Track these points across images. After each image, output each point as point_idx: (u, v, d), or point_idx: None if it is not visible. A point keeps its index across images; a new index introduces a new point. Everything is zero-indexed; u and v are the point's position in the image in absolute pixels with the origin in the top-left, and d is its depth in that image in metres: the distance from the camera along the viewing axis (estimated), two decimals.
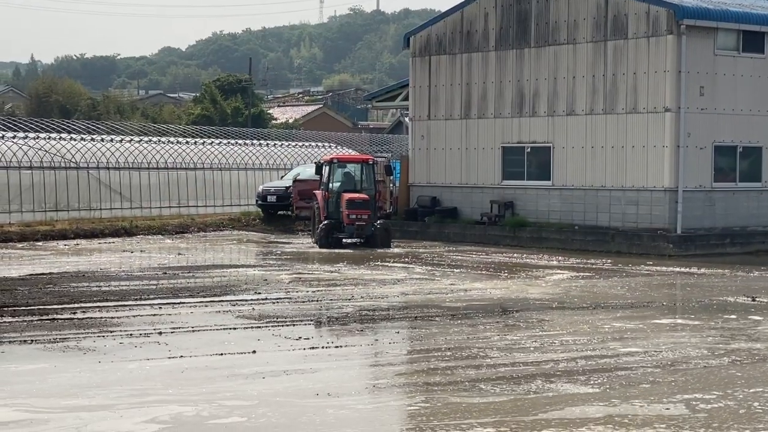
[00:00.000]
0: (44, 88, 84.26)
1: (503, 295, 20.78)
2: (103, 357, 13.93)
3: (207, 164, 44.92)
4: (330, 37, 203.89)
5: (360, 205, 31.61)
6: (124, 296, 19.81)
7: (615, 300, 20.24)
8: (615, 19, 32.05)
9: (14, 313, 17.45)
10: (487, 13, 35.48)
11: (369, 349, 15.11)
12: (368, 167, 32.93)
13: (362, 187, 32.53)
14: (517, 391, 12.18)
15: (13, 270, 24.71)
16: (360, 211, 31.50)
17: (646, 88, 31.32)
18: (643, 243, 30.55)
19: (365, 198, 31.82)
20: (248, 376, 12.89)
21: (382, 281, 22.94)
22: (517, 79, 34.71)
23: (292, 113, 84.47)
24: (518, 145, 34.78)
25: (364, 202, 31.70)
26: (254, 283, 22.30)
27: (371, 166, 32.99)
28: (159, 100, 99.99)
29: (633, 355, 14.42)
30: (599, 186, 32.49)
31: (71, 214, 38.69)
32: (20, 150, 38.33)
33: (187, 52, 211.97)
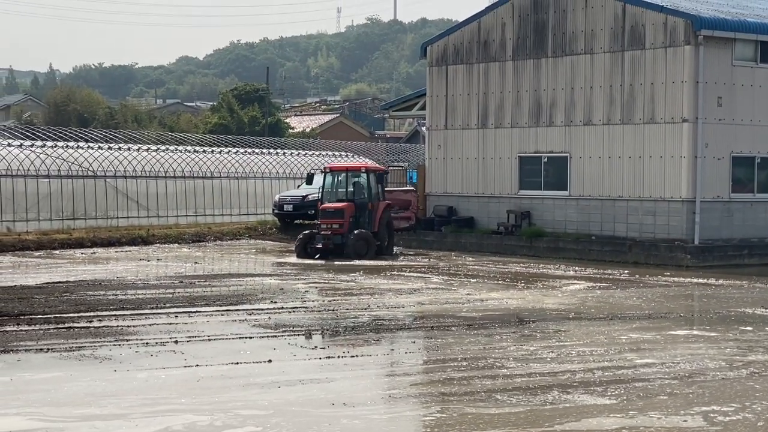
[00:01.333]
0: (62, 97, 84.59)
1: (519, 305, 20.71)
2: (119, 366, 13.93)
3: (224, 173, 44.99)
4: (347, 47, 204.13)
5: (332, 215, 31.20)
6: (140, 305, 19.83)
7: (632, 311, 20.15)
8: (632, 29, 31.98)
9: (31, 322, 17.48)
10: (505, 23, 35.45)
11: (385, 359, 15.07)
12: (363, 176, 32.12)
13: (355, 196, 31.84)
14: (534, 401, 12.11)
15: (30, 278, 24.76)
16: (332, 220, 31.05)
17: (663, 98, 31.23)
18: (660, 254, 30.43)
19: (339, 207, 31.32)
20: (264, 385, 12.86)
21: (398, 291, 22.90)
22: (534, 89, 34.66)
23: (309, 122, 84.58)
24: (535, 154, 34.72)
25: (336, 211, 31.20)
26: (270, 292, 22.29)
27: (368, 175, 32.14)
28: (176, 109, 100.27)
29: (650, 367, 14.33)
30: (616, 196, 32.39)
31: (88, 222, 38.79)
32: (38, 158, 38.46)
33: (205, 61, 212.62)
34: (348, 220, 31.09)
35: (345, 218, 31.07)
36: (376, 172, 32.88)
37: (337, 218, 31.07)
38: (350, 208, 31.50)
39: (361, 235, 30.90)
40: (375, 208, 31.75)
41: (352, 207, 31.56)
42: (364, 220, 31.56)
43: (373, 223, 31.69)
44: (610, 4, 32.55)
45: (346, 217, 31.10)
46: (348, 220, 31.09)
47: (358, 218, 31.54)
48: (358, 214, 31.54)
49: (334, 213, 31.23)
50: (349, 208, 31.44)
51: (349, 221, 31.10)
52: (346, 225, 31.01)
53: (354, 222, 31.31)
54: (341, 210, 31.25)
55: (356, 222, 31.39)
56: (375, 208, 31.75)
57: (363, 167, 33.06)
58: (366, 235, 31.01)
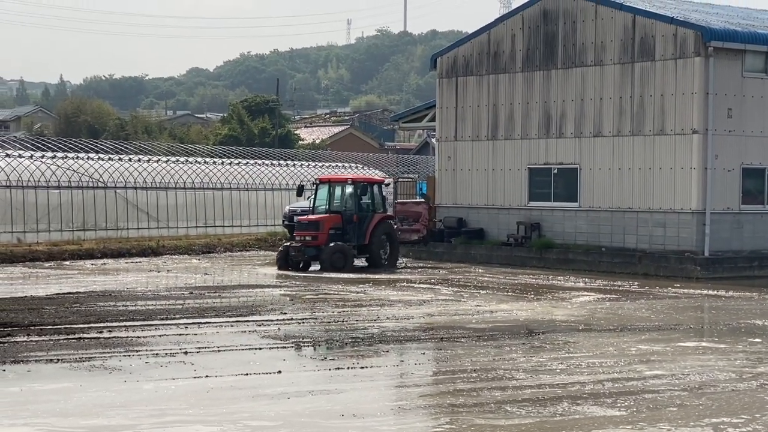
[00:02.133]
0: (73, 108, 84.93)
1: (529, 317, 20.69)
2: (129, 376, 13.95)
3: (234, 184, 45.07)
4: (357, 58, 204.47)
5: (306, 227, 30.96)
6: (150, 316, 19.86)
7: (642, 322, 20.12)
8: (642, 41, 31.99)
9: (41, 332, 17.52)
10: (514, 35, 35.49)
11: (394, 370, 15.07)
12: (350, 187, 31.65)
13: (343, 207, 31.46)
14: (543, 413, 12.10)
15: (41, 289, 24.82)
16: (305, 232, 30.78)
17: (673, 109, 31.21)
18: (670, 265, 30.38)
19: (314, 219, 31.10)
20: (273, 396, 12.87)
21: (408, 302, 22.90)
22: (544, 101, 34.67)
23: (319, 134, 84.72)
24: (545, 166, 34.71)
25: (311, 223, 30.95)
26: (280, 303, 22.30)
27: (359, 186, 31.66)
28: (186, 121, 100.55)
29: (660, 378, 14.31)
30: (626, 208, 32.36)
31: (98, 233, 38.88)
32: (48, 169, 38.57)
33: (215, 72, 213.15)
34: (326, 232, 30.65)
35: (321, 230, 30.66)
36: (372, 183, 32.55)
37: (311, 230, 30.78)
38: (329, 220, 31.07)
39: (337, 247, 30.36)
40: (364, 220, 31.31)
41: (334, 219, 31.12)
42: (351, 232, 31.10)
43: (363, 235, 31.26)
44: (620, 16, 32.57)
45: (324, 229, 30.68)
46: (326, 232, 30.65)
47: (345, 230, 31.13)
48: (345, 225, 31.11)
49: (308, 225, 31.00)
50: (328, 220, 31.02)
51: (328, 233, 30.63)
52: (323, 237, 30.56)
53: (339, 234, 30.88)
54: (316, 222, 30.98)
55: (342, 234, 30.98)
56: (364, 220, 31.31)
57: (349, 179, 32.41)
58: (343, 248, 30.45)
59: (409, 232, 34.67)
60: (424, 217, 35.01)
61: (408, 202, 37.73)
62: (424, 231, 34.89)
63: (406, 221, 35.16)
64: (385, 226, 31.90)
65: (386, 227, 32.01)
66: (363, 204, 31.80)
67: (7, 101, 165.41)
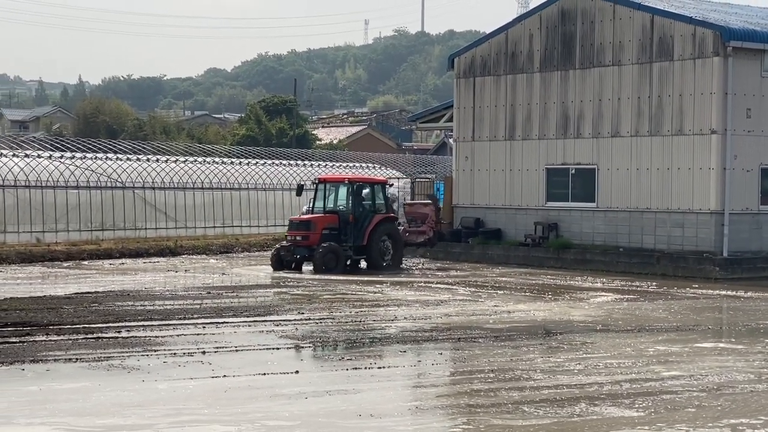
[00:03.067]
0: (91, 108, 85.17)
1: (546, 317, 20.66)
2: (147, 376, 13.99)
3: (252, 184, 45.15)
4: (374, 59, 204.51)
5: (297, 226, 30.79)
6: (168, 315, 19.91)
7: (659, 323, 20.06)
8: (661, 40, 31.90)
9: (60, 332, 17.58)
10: (532, 35, 35.44)
11: (412, 370, 15.07)
12: (347, 187, 31.22)
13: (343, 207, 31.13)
14: (561, 413, 12.08)
15: (59, 289, 24.91)
16: (296, 232, 30.55)
17: (692, 110, 31.11)
18: (688, 266, 30.29)
19: (306, 219, 30.97)
20: (290, 396, 12.89)
21: (426, 302, 22.90)
22: (561, 101, 34.61)
23: (337, 134, 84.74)
24: (563, 166, 34.65)
25: (302, 223, 30.79)
26: (297, 303, 22.33)
27: (358, 187, 31.32)
28: (204, 121, 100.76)
29: (678, 379, 14.27)
30: (644, 208, 32.28)
31: (117, 233, 39.01)
32: (67, 170, 38.71)
33: (233, 73, 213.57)
34: (319, 233, 30.35)
35: (313, 230, 30.38)
36: (372, 183, 32.22)
37: (301, 230, 30.57)
38: (322, 220, 30.80)
39: (330, 248, 29.97)
40: (363, 221, 30.93)
41: (328, 219, 30.84)
42: (348, 233, 30.77)
43: (361, 236, 30.88)
44: (638, 16, 32.49)
45: (317, 230, 30.40)
46: (319, 233, 30.35)
47: (341, 230, 30.80)
48: (342, 226, 30.80)
49: (299, 225, 30.83)
50: (321, 221, 30.75)
51: (321, 233, 30.33)
52: (315, 237, 30.27)
53: (335, 234, 30.57)
54: (307, 222, 30.78)
55: (339, 234, 30.69)
56: (363, 221, 30.93)
57: (346, 179, 32.04)
58: (335, 249, 30.06)
59: (415, 234, 34.13)
60: (431, 218, 34.30)
61: (415, 203, 37.28)
62: (431, 233, 34.10)
63: (414, 222, 34.67)
64: (386, 227, 31.39)
65: (388, 228, 31.51)
66: (362, 204, 31.37)
67: (27, 101, 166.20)
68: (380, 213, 31.56)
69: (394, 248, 31.78)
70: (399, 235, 32.36)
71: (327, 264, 29.84)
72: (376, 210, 31.56)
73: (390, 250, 31.67)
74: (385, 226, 31.42)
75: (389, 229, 31.65)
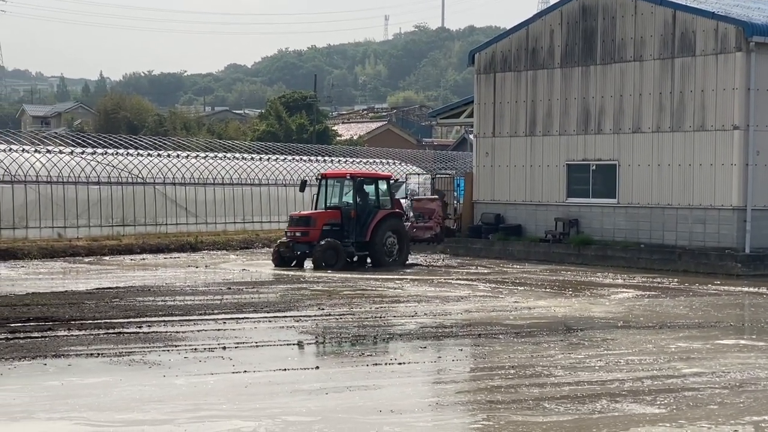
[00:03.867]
0: (112, 104, 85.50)
1: (567, 314, 20.60)
2: (168, 371, 14.02)
3: (272, 180, 45.21)
4: (395, 54, 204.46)
5: (296, 222, 30.48)
6: (188, 311, 19.95)
7: (681, 320, 19.98)
8: (682, 36, 31.76)
9: (81, 327, 17.64)
10: (553, 30, 35.34)
11: (432, 366, 15.05)
12: (355, 182, 30.91)
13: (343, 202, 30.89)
14: (582, 410, 12.04)
15: (81, 284, 25.01)
16: (296, 228, 30.25)
17: (714, 105, 30.97)
18: (710, 262, 30.15)
19: (305, 215, 30.69)
20: (311, 391, 12.89)
21: (446, 298, 22.87)
22: (582, 96, 34.50)
23: (357, 130, 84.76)
24: (583, 162, 34.55)
25: (301, 219, 30.49)
26: (317, 299, 22.33)
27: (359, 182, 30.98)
28: (225, 117, 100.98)
29: (700, 376, 14.20)
30: (666, 204, 32.15)
31: (137, 228, 39.15)
32: (89, 165, 38.86)
33: (253, 69, 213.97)
34: (319, 229, 30.04)
35: (313, 226, 30.08)
36: (376, 178, 31.81)
37: (301, 226, 30.27)
38: (323, 216, 30.48)
39: (329, 244, 29.65)
40: (367, 217, 30.57)
41: (329, 215, 30.53)
42: (350, 229, 30.43)
43: (364, 232, 30.47)
44: (660, 11, 32.35)
45: (317, 226, 30.08)
46: (319, 229, 30.04)
47: (344, 226, 30.47)
48: (343, 222, 30.47)
49: (298, 221, 30.53)
50: (321, 216, 30.44)
51: (321, 229, 30.02)
52: (315, 233, 29.96)
53: (337, 230, 30.25)
54: (306, 218, 30.49)
55: (341, 230, 30.36)
56: (367, 217, 30.57)
57: (348, 174, 31.78)
58: (335, 245, 29.69)
59: (422, 230, 33.66)
60: (437, 214, 33.77)
61: (423, 199, 36.84)
62: (438, 228, 33.60)
63: (421, 218, 34.30)
64: (391, 223, 30.84)
65: (393, 224, 30.93)
66: (365, 200, 30.98)
67: (48, 98, 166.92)
68: (384, 208, 31.07)
69: (399, 244, 31.20)
70: (405, 231, 31.76)
71: (327, 260, 29.48)
72: (380, 205, 31.08)
73: (396, 246, 31.11)
74: (390, 221, 30.84)
75: (394, 224, 31.03)
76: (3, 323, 17.81)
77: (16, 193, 36.09)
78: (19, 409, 11.74)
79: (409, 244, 32.33)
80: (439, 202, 34.14)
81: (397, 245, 31.13)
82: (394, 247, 31.05)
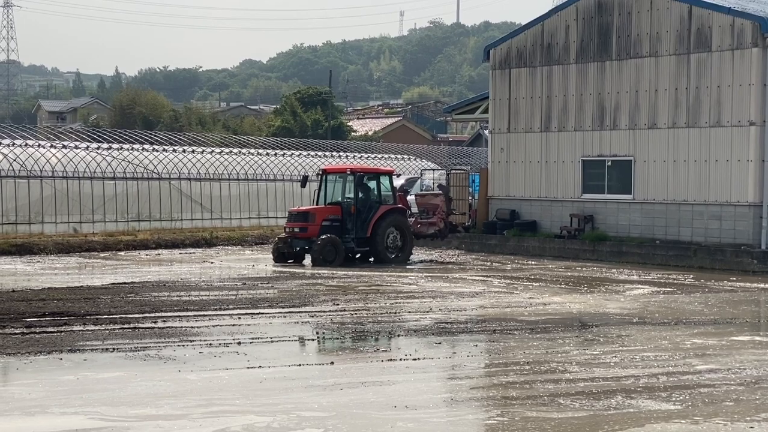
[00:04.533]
0: (128, 99, 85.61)
1: (582, 310, 20.57)
2: (183, 366, 14.05)
3: (287, 175, 45.24)
4: (410, 50, 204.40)
5: (295, 218, 30.22)
6: (204, 306, 19.99)
7: (696, 316, 19.93)
8: (698, 31, 31.65)
9: (97, 322, 17.70)
10: (568, 26, 35.26)
11: (447, 362, 15.05)
12: (355, 178, 30.43)
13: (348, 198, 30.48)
14: (597, 406, 12.02)
15: (96, 279, 25.08)
16: (294, 224, 29.98)
17: (730, 101, 30.86)
18: (726, 258, 30.06)
19: (304, 211, 30.44)
20: (325, 387, 12.90)
21: (461, 294, 22.86)
22: (598, 92, 34.42)
23: (372, 125, 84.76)
24: (599, 158, 34.47)
25: (300, 215, 30.22)
26: (332, 294, 22.35)
27: (360, 177, 30.55)
28: (240, 112, 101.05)
29: (715, 372, 14.16)
30: (681, 200, 32.07)
31: (153, 224, 39.24)
32: (104, 161, 38.97)
33: (268, 64, 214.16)
34: (318, 224, 29.75)
35: (312, 222, 29.80)
36: (378, 174, 31.41)
37: (300, 222, 30.00)
38: (322, 211, 30.20)
39: (328, 240, 29.36)
40: (368, 212, 30.25)
41: (329, 210, 30.26)
42: (351, 225, 30.12)
43: (365, 227, 30.18)
44: (675, 7, 32.24)
45: (316, 221, 29.79)
46: (318, 224, 29.75)
47: (344, 222, 30.22)
48: (343, 218, 30.19)
49: (297, 216, 30.28)
50: (321, 212, 30.16)
51: (321, 225, 29.73)
52: (314, 229, 29.68)
53: (337, 226, 29.96)
54: (305, 213, 30.22)
55: (341, 226, 30.08)
56: (368, 212, 30.25)
57: (349, 169, 31.21)
58: (334, 240, 29.41)
59: (426, 226, 33.46)
60: (441, 209, 33.60)
61: (427, 194, 36.37)
62: (441, 224, 33.31)
63: (425, 214, 34.17)
64: (393, 219, 30.53)
65: (395, 220, 30.62)
66: (366, 195, 30.65)
67: (64, 93, 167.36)
68: (386, 204, 30.76)
69: (402, 241, 30.90)
70: (407, 227, 31.36)
71: (326, 256, 29.23)
72: (381, 201, 30.77)
73: (398, 242, 30.81)
74: (392, 217, 30.53)
75: (397, 220, 30.70)
76: (19, 318, 17.89)
77: (32, 188, 36.21)
78: (34, 404, 11.79)
79: (413, 240, 31.95)
80: (443, 197, 33.90)
81: (400, 241, 30.87)
82: (396, 243, 30.78)
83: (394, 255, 30.70)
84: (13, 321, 17.55)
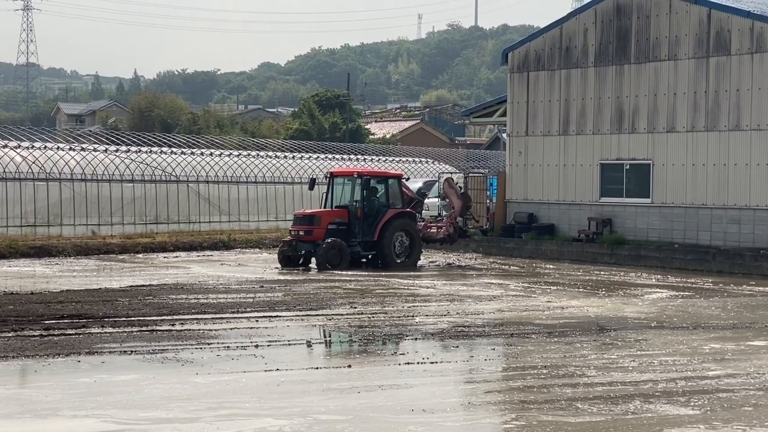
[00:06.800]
0: (146, 102, 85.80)
1: (600, 314, 20.51)
2: (201, 369, 14.06)
3: (305, 178, 45.22)
4: (428, 53, 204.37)
5: (300, 221, 29.98)
6: (221, 309, 20.01)
7: (715, 321, 19.84)
8: (717, 35, 31.54)
9: (115, 324, 17.73)
10: (587, 29, 35.19)
11: (464, 366, 15.02)
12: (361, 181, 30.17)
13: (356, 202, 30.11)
14: (615, 411, 11.98)
15: (114, 281, 25.14)
16: (299, 227, 29.75)
17: (749, 105, 30.74)
18: (745, 262, 29.93)
19: (309, 214, 30.18)
20: (343, 390, 12.89)
21: (478, 298, 22.82)
22: (616, 96, 34.34)
23: (390, 128, 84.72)
24: (617, 161, 34.39)
25: (305, 218, 29.93)
26: (350, 298, 22.34)
27: (367, 180, 30.31)
28: (258, 115, 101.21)
29: (734, 377, 14.09)
30: (700, 204, 31.95)
31: (171, 226, 39.31)
32: (122, 163, 39.07)
33: (286, 67, 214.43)
34: (324, 228, 29.51)
35: (317, 225, 29.55)
36: (386, 177, 31.12)
37: (305, 225, 29.76)
38: (328, 214, 29.95)
39: (333, 243, 29.08)
40: (375, 216, 29.96)
41: (335, 214, 29.98)
42: (358, 228, 29.83)
43: (372, 231, 29.87)
44: (695, 10, 32.15)
45: (322, 225, 29.55)
46: (324, 228, 29.51)
47: (351, 226, 29.91)
48: (350, 221, 29.90)
49: (302, 220, 30.05)
50: (326, 215, 29.92)
51: (326, 228, 29.47)
52: (320, 232, 29.44)
53: (343, 230, 29.70)
54: (310, 217, 29.97)
55: (347, 229, 29.79)
56: (375, 216, 29.96)
57: (356, 172, 30.91)
58: (339, 244, 29.13)
59: (435, 230, 33.25)
60: (454, 213, 33.33)
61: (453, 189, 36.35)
62: (451, 229, 33.17)
63: (435, 218, 33.92)
64: (401, 223, 30.16)
65: (403, 224, 30.23)
66: (374, 199, 30.38)
67: (83, 96, 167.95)
68: (395, 207, 30.42)
69: (410, 245, 30.51)
70: (416, 231, 30.93)
71: (330, 260, 28.99)
72: (390, 204, 30.45)
73: (406, 246, 30.42)
74: (401, 221, 30.18)
75: (405, 224, 30.33)
76: (38, 320, 17.94)
77: (51, 190, 36.34)
78: (47, 407, 11.79)
79: (421, 244, 31.54)
80: (461, 202, 33.53)
81: (408, 245, 30.48)
82: (404, 247, 30.41)
83: (402, 259, 30.36)
84: (31, 323, 17.60)
